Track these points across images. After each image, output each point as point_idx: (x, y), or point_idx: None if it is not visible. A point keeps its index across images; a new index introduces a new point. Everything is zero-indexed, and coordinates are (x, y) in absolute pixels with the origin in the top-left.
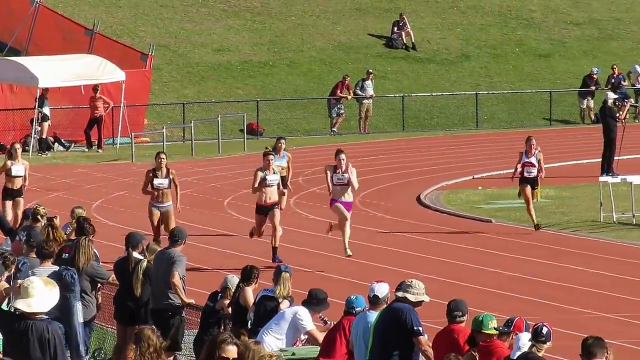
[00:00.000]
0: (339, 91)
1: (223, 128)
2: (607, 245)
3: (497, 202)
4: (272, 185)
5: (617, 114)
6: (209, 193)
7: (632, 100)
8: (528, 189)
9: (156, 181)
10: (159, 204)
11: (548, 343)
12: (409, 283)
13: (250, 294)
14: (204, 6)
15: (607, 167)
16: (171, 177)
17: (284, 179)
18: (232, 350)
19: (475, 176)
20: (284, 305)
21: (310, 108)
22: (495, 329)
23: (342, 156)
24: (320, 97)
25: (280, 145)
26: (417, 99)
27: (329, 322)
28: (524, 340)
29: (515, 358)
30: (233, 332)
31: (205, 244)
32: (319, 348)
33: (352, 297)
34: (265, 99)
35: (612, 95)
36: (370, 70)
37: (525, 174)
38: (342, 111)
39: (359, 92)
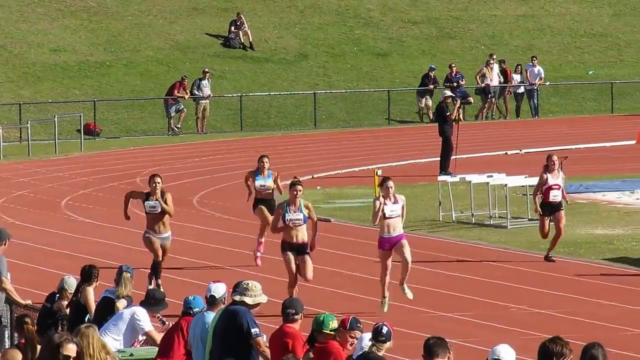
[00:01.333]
0: (176, 91)
1: (60, 128)
2: (446, 244)
3: (337, 201)
4: (299, 225)
5: (448, 113)
6: (46, 193)
7: (471, 99)
8: (547, 220)
9: (148, 204)
10: (156, 234)
11: (388, 343)
12: (245, 285)
13: (92, 294)
14: (39, 6)
15: (445, 166)
16: (164, 200)
17: (273, 202)
18: (72, 349)
19: (315, 176)
20: (121, 305)
21: (147, 108)
22: (332, 330)
23: (390, 184)
24: (157, 97)
25: (263, 164)
26: (255, 98)
27: (167, 323)
28: (367, 340)
29: (355, 358)
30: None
31: (41, 244)
32: (157, 349)
33: (189, 297)
34: (102, 99)
35: (447, 94)
36: (206, 70)
37: (551, 198)
38: (181, 107)
39: (196, 92)
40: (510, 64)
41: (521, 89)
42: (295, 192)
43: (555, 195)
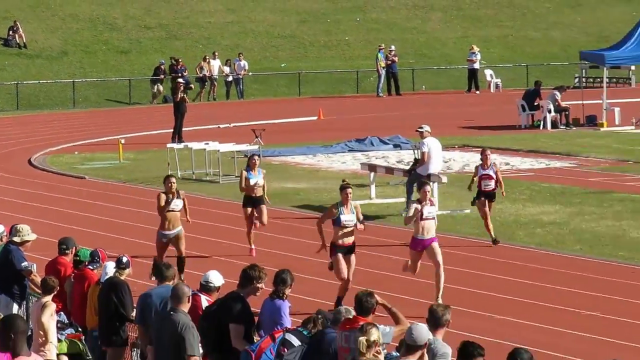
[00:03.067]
0: None
1: None
2: None
3: (90, 163)
4: (351, 226)
5: (174, 95)
6: None
7: (192, 86)
8: (485, 202)
9: (172, 203)
10: (170, 231)
11: (128, 269)
12: (17, 228)
13: None
14: None
15: (175, 136)
16: (182, 197)
17: (261, 198)
18: None
19: (73, 144)
20: None
21: None
22: (87, 259)
23: (427, 188)
24: None
25: (254, 161)
26: (28, 85)
27: None
28: (111, 268)
29: (103, 281)
30: None
31: None
32: None
33: None
34: None
35: (179, 81)
36: None
37: (483, 187)
38: None
39: None
40: (222, 59)
41: (230, 78)
42: (347, 195)
43: (486, 185)
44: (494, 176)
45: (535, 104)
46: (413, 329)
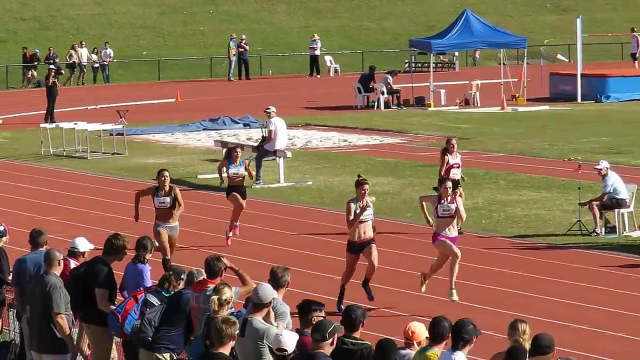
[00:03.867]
0: None
1: None
2: (47, 171)
3: None
4: (366, 220)
5: (46, 80)
6: None
7: (63, 71)
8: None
9: (157, 200)
10: (166, 223)
11: (5, 237)
12: None
13: None
14: None
15: (47, 117)
16: (173, 195)
17: (244, 188)
18: None
19: None
20: None
21: None
22: None
23: (449, 184)
24: None
25: (236, 154)
26: None
27: None
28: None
29: None
30: None
31: None
32: None
33: None
34: None
35: (51, 67)
36: None
37: (451, 176)
38: None
39: None
40: (90, 47)
41: (97, 65)
42: (363, 191)
43: (454, 174)
44: (461, 164)
45: (370, 86)
46: (259, 289)
